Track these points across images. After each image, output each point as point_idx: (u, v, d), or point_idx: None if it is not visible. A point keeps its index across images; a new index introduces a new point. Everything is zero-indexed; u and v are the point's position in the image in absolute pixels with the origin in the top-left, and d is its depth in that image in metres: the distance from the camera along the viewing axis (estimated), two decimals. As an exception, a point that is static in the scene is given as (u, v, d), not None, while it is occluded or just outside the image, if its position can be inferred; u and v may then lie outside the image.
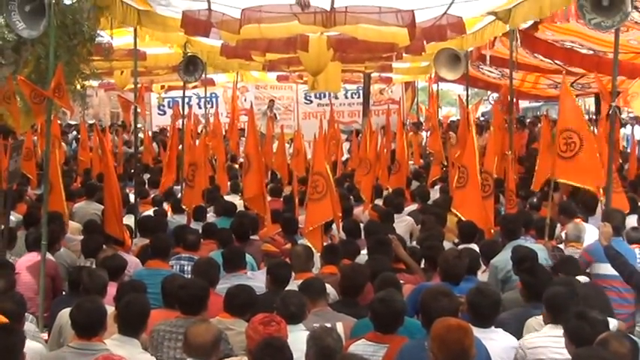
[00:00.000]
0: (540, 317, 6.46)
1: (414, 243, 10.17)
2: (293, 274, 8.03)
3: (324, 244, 9.40)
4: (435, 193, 14.49)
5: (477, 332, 5.45)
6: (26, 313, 6.36)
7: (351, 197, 13.69)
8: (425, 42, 12.29)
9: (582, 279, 7.47)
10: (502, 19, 11.04)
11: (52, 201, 9.56)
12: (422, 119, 22.78)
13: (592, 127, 14.87)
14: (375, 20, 10.64)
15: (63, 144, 18.25)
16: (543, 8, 9.64)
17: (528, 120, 21.73)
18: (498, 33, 12.02)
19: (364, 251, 9.22)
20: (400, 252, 8.74)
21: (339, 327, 6.13)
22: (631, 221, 10.02)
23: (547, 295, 6.33)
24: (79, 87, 11.41)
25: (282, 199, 14.06)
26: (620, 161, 12.81)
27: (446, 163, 16.15)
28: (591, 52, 12.51)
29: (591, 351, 4.82)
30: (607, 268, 7.59)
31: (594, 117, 18.87)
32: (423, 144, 20.96)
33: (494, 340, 6.02)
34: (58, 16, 8.31)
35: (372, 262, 8.07)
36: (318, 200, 9.64)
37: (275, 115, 23.27)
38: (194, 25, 10.68)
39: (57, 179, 9.79)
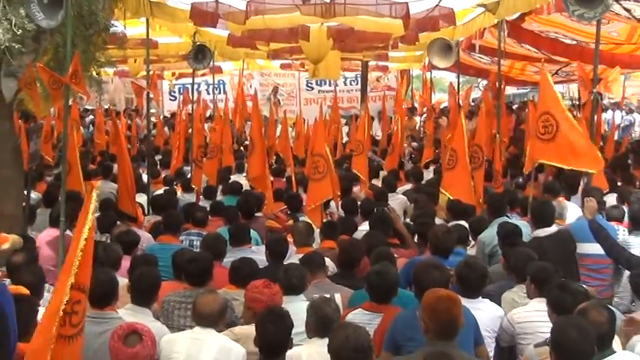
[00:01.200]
0: (516, 289, 6.50)
1: (408, 220, 10.19)
2: (295, 248, 8.11)
3: (324, 220, 9.44)
4: (428, 174, 14.49)
5: (465, 302, 5.48)
6: (46, 284, 6.37)
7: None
8: (418, 32, 12.29)
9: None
10: (491, 10, 11.06)
11: (71, 180, 9.64)
12: (416, 105, 22.69)
13: (575, 113, 14.94)
14: (372, 12, 10.65)
15: (80, 127, 18.19)
16: (530, 1, 9.65)
17: (516, 105, 21.70)
18: (487, 24, 12.01)
19: (362, 227, 9.28)
20: (399, 225, 8.78)
21: (337, 297, 6.16)
22: (610, 200, 10.04)
23: (533, 269, 6.35)
24: (94, 74, 11.37)
25: (284, 179, 14.09)
26: (602, 143, 12.78)
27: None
28: (574, 42, 12.50)
29: (571, 319, 4.84)
30: (587, 248, 7.59)
31: (578, 103, 18.85)
32: (417, 128, 21.01)
33: (481, 309, 6.05)
34: (74, 8, 8.29)
35: (369, 237, 8.10)
36: (319, 180, 9.69)
37: (279, 100, 23.28)
38: (202, 16, 10.69)
39: (75, 160, 9.85)
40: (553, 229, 7.57)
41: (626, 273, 7.42)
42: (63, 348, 4.12)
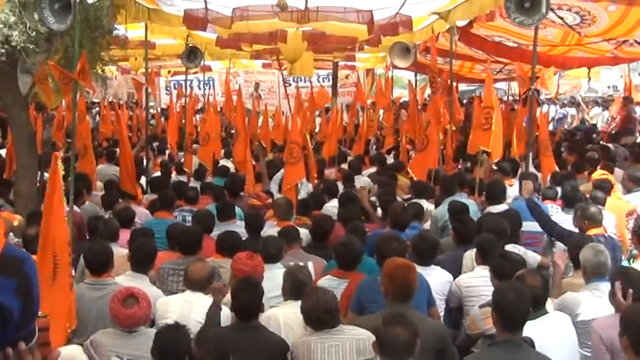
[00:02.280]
0: (474, 251, 6.50)
1: (372, 198, 10.20)
2: (275, 222, 8.12)
3: (299, 198, 9.44)
4: (389, 159, 14.55)
5: (420, 269, 5.48)
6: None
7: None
8: (381, 36, 12.26)
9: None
10: (444, 18, 11.05)
11: (84, 164, 9.93)
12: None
13: (516, 106, 14.99)
14: (341, 18, 10.66)
15: (87, 117, 18.11)
16: (476, 9, 9.66)
17: (465, 100, 21.74)
18: (441, 29, 12.02)
19: (330, 204, 9.34)
20: (364, 202, 8.79)
21: (310, 265, 6.14)
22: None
23: (479, 240, 6.38)
24: (99, 71, 11.30)
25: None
26: (537, 133, 12.83)
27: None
28: (515, 45, 12.53)
29: (510, 284, 4.85)
30: (524, 225, 7.60)
31: (518, 98, 18.90)
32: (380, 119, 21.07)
33: (433, 275, 6.06)
34: (81, 13, 8.26)
35: (344, 211, 8.23)
36: (294, 164, 9.70)
37: (260, 95, 23.37)
38: (194, 21, 10.67)
39: (89, 147, 9.96)
40: (504, 206, 7.60)
41: (558, 244, 7.48)
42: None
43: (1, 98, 9.22)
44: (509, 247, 6.47)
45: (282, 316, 5.28)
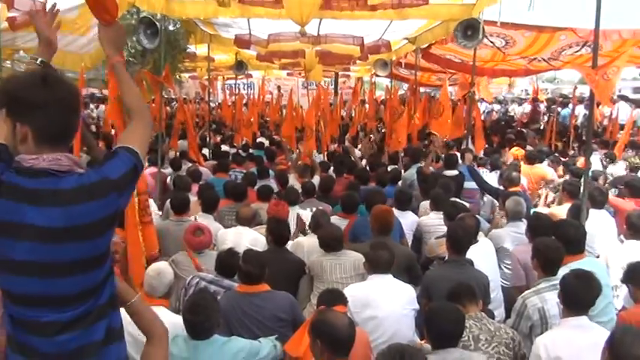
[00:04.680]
0: (427, 202, 6.46)
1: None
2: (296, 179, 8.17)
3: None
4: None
5: (397, 213, 5.49)
6: (150, 199, 6.33)
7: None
8: (368, 54, 12.13)
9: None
10: (411, 42, 10.95)
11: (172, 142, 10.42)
12: (365, 98, 22.50)
13: (459, 104, 14.89)
14: (342, 41, 10.58)
15: (167, 108, 18.10)
16: (434, 36, 9.55)
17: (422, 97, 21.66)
18: (409, 50, 11.90)
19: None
20: (354, 155, 9.17)
21: (321, 207, 6.12)
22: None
23: (432, 194, 6.34)
24: (177, 77, 11.34)
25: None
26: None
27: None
28: (460, 60, 12.36)
29: (457, 222, 4.84)
30: (465, 184, 7.53)
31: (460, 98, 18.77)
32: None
33: (406, 217, 6.05)
34: (165, 37, 8.26)
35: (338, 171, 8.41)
36: (309, 139, 9.75)
37: (282, 94, 23.37)
38: (241, 43, 10.55)
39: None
40: (455, 172, 7.54)
41: (487, 197, 7.46)
42: (145, 228, 4.43)
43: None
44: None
45: (306, 244, 5.26)
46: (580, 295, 3.33)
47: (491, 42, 10.21)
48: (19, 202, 1.78)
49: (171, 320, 3.55)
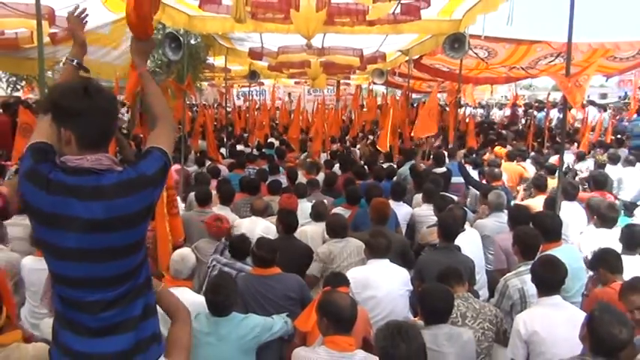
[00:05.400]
0: (420, 195, 6.44)
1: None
2: (304, 175, 8.11)
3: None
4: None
5: (393, 204, 5.49)
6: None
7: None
8: (367, 65, 12.11)
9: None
10: (404, 53, 10.93)
11: (194, 143, 10.29)
12: (364, 103, 22.44)
13: (447, 108, 14.85)
14: (343, 53, 10.56)
15: (189, 113, 18.10)
16: (425, 48, 9.53)
17: (416, 104, 21.54)
18: (402, 60, 11.88)
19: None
20: (357, 161, 8.88)
21: (326, 201, 6.09)
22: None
23: (425, 187, 6.32)
24: (198, 85, 11.33)
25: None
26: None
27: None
28: (448, 69, 12.33)
29: (446, 213, 4.83)
30: (453, 179, 7.52)
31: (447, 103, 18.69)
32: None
33: (400, 209, 6.03)
34: (187, 50, 8.27)
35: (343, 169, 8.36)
36: (316, 140, 9.72)
37: (292, 100, 23.37)
38: (254, 55, 10.53)
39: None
40: (444, 169, 7.52)
41: (472, 190, 7.42)
42: (173, 220, 4.38)
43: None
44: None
45: (310, 231, 5.26)
46: (546, 278, 3.31)
47: (475, 53, 10.19)
48: (67, 197, 1.82)
49: (195, 300, 3.56)
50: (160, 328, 2.10)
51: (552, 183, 6.79)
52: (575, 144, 11.73)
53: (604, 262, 3.77)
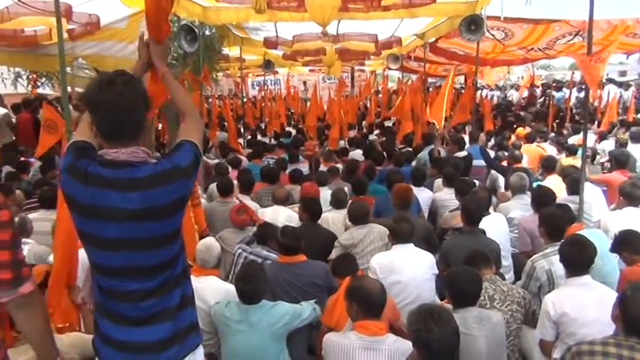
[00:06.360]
0: (440, 180, 6.42)
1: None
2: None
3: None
4: (388, 123, 14.40)
5: (414, 190, 5.44)
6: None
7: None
8: (382, 50, 12.00)
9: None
10: (420, 37, 10.81)
11: (212, 134, 10.12)
12: (379, 89, 22.31)
13: (462, 91, 14.72)
14: (358, 39, 10.49)
15: (205, 104, 18.17)
16: (440, 31, 9.42)
17: (432, 88, 21.41)
18: (418, 44, 11.77)
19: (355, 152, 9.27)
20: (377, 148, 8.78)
21: (346, 188, 6.09)
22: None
23: (445, 172, 6.28)
24: (214, 76, 11.35)
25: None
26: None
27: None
28: (463, 53, 12.20)
29: (470, 196, 4.81)
30: (474, 162, 7.47)
31: (463, 85, 18.54)
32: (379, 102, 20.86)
33: (422, 194, 6.00)
34: (203, 41, 8.27)
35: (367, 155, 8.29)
36: (334, 126, 9.71)
37: (307, 88, 23.31)
38: (269, 44, 10.48)
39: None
40: (464, 152, 7.46)
41: (491, 173, 7.37)
42: (195, 210, 4.42)
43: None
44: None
45: (331, 217, 5.27)
46: (575, 257, 3.29)
47: (492, 35, 10.06)
48: (104, 189, 1.86)
49: (223, 287, 3.62)
50: (197, 318, 2.13)
51: (567, 162, 6.75)
52: (596, 123, 11.58)
53: (627, 245, 3.72)
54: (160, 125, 10.22)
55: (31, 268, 2.02)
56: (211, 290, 3.52)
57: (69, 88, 7.31)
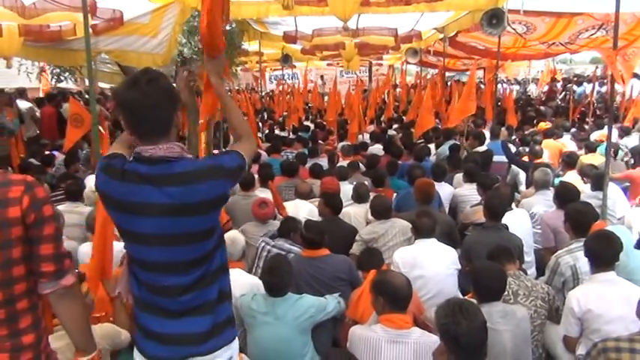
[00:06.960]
0: (460, 175, 6.40)
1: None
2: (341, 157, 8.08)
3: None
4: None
5: (436, 185, 5.41)
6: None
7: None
8: (401, 44, 12.00)
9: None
10: (439, 31, 10.79)
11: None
12: (397, 83, 22.22)
13: (482, 86, 14.61)
14: (378, 33, 10.51)
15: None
16: (460, 25, 9.38)
17: (450, 82, 21.28)
18: (437, 38, 11.73)
19: (373, 147, 9.23)
20: (397, 143, 8.73)
21: (367, 182, 6.11)
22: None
23: (465, 167, 6.27)
24: (233, 70, 11.39)
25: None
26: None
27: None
28: (483, 47, 12.12)
29: (493, 192, 4.80)
30: (495, 158, 7.40)
31: (483, 80, 18.38)
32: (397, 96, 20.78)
33: (443, 188, 5.99)
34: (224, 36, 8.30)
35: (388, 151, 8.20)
36: (352, 121, 9.70)
37: (324, 82, 23.27)
38: (288, 38, 10.56)
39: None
40: (484, 147, 7.44)
41: (512, 169, 7.32)
42: None
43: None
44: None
45: (352, 212, 5.29)
46: (600, 252, 3.28)
47: (513, 29, 9.98)
48: (141, 185, 1.89)
49: (248, 280, 3.67)
50: (233, 312, 2.17)
51: (586, 159, 6.69)
52: (620, 118, 11.43)
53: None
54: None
55: (72, 261, 2.06)
56: (237, 283, 3.56)
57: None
